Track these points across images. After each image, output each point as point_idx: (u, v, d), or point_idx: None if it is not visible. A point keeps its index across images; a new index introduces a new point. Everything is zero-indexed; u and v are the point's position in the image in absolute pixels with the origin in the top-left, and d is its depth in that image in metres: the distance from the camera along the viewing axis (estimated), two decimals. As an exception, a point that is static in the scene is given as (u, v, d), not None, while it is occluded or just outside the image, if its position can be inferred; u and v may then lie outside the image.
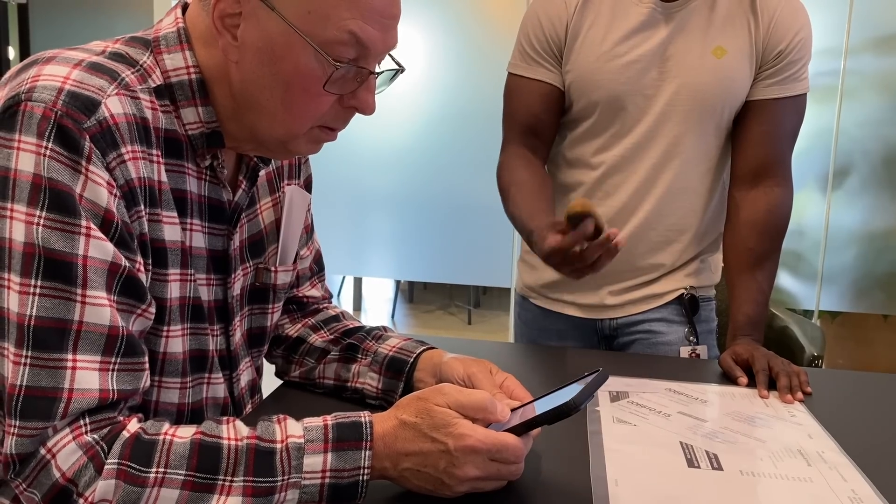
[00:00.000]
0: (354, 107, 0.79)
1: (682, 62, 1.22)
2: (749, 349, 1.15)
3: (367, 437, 0.71)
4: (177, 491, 0.66)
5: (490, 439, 0.70)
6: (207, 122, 0.79)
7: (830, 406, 1.06)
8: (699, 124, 1.24)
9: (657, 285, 1.32)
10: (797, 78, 1.23)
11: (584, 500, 0.75)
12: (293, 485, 0.68)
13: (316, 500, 0.69)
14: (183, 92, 0.78)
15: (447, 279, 2.80)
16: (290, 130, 0.78)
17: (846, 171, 2.58)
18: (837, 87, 2.51)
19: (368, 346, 1.00)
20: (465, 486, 0.71)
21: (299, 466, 0.69)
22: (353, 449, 0.70)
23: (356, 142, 2.57)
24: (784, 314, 1.82)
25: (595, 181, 1.29)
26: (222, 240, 0.84)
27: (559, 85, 1.29)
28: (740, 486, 0.80)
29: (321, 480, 0.69)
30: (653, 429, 0.94)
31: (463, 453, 0.70)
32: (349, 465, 0.70)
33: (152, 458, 0.66)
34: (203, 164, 0.81)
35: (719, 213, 1.34)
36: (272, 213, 0.93)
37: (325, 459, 0.69)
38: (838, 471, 0.85)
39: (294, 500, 0.69)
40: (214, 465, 0.67)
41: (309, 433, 0.70)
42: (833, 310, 2.77)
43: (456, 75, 2.51)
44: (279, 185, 0.94)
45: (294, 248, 0.97)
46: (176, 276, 0.78)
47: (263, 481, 0.67)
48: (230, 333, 0.87)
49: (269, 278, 0.92)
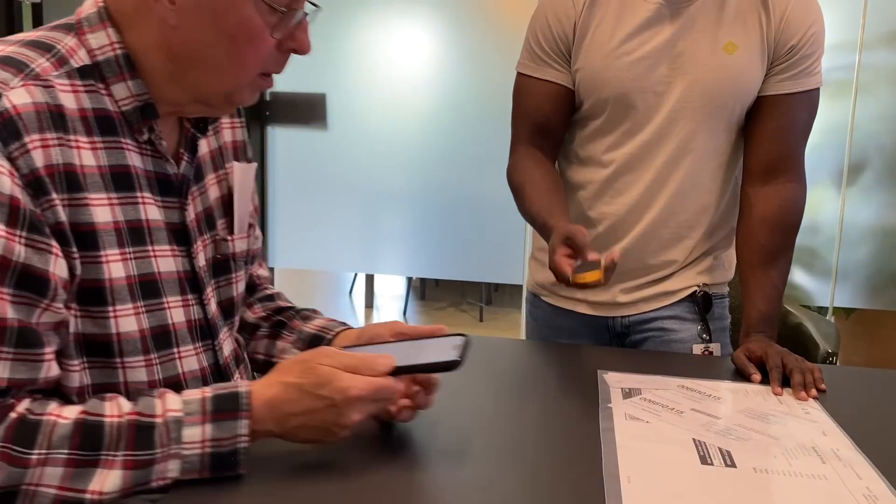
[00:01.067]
0: (293, 49, 0.84)
1: (693, 59, 1.21)
2: (762, 346, 1.14)
3: (245, 408, 0.75)
4: (60, 469, 0.69)
5: (371, 386, 0.77)
6: (138, 95, 0.81)
7: (845, 403, 1.05)
8: (710, 121, 1.23)
9: (669, 282, 1.32)
10: (810, 72, 1.22)
11: (597, 497, 0.75)
12: (174, 456, 0.73)
13: (198, 469, 0.74)
14: (111, 69, 0.80)
15: (459, 276, 2.80)
16: (237, 81, 0.82)
17: (861, 167, 2.56)
18: (852, 81, 2.49)
19: (295, 325, 1.05)
20: (347, 431, 0.78)
21: (178, 438, 0.73)
22: (230, 419, 0.75)
23: (368, 140, 2.58)
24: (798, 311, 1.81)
25: (606, 179, 1.29)
26: (177, 212, 0.86)
27: (568, 84, 1.28)
28: (754, 484, 0.79)
29: (201, 450, 0.74)
30: (665, 426, 0.94)
31: (348, 403, 0.76)
32: (227, 434, 0.74)
33: (35, 440, 0.69)
34: (141, 139, 0.82)
35: (731, 208, 1.33)
36: (217, 190, 0.94)
37: (203, 430, 0.74)
38: (853, 468, 0.84)
39: (176, 469, 0.73)
40: (96, 443, 0.71)
41: (188, 406, 0.75)
42: (848, 306, 2.75)
43: (467, 73, 2.51)
44: (223, 163, 0.96)
45: (246, 217, 0.99)
46: (115, 257, 0.78)
47: (143, 454, 0.72)
48: (205, 303, 0.89)
49: (228, 248, 0.94)
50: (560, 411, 0.98)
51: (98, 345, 0.78)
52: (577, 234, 1.04)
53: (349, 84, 2.55)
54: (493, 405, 1.00)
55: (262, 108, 2.55)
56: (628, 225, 1.28)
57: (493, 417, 0.96)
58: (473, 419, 0.95)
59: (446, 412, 0.96)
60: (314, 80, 2.56)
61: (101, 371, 0.79)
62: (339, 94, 2.56)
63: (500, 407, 0.99)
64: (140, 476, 0.72)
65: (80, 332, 0.77)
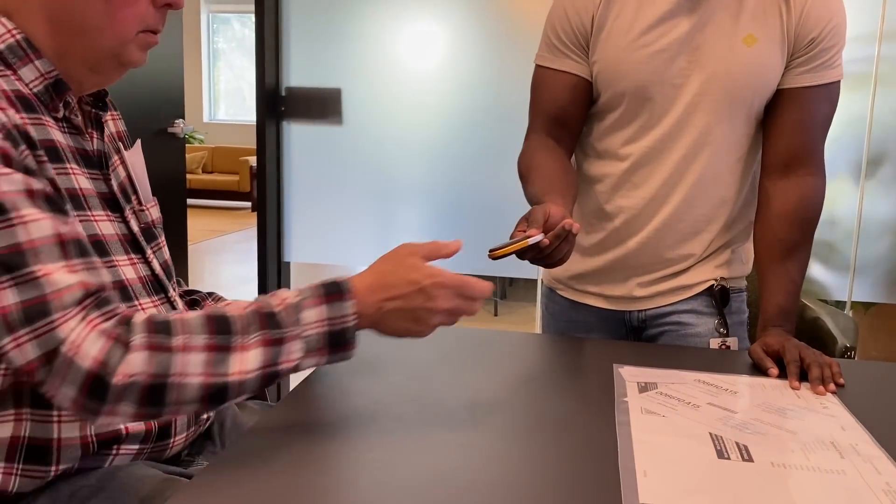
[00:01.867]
0: (167, 3, 0.87)
1: (712, 51, 1.20)
2: (780, 340, 1.14)
3: (348, 290, 0.83)
4: (202, 354, 0.75)
5: (457, 277, 0.86)
6: (47, 73, 0.84)
7: (864, 398, 1.04)
8: (729, 114, 1.22)
9: (686, 276, 1.31)
10: (830, 65, 1.21)
11: (613, 491, 0.75)
12: (297, 336, 0.80)
13: (318, 348, 0.81)
14: (15, 54, 0.83)
15: (473, 270, 2.80)
16: (120, 37, 0.85)
17: (880, 160, 2.53)
18: (871, 73, 2.46)
19: (206, 305, 1.10)
20: (437, 318, 0.86)
21: (299, 320, 0.80)
22: (340, 300, 0.82)
23: (384, 135, 2.58)
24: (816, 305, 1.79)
25: (623, 172, 1.28)
26: (102, 183, 0.91)
27: (586, 76, 1.28)
28: (771, 478, 0.79)
29: (319, 329, 0.81)
30: (682, 420, 0.94)
31: (436, 288, 0.85)
32: (339, 314, 0.82)
33: (172, 330, 0.74)
34: (58, 116, 0.86)
35: (749, 202, 1.32)
36: (122, 170, 0.98)
37: (319, 311, 0.81)
38: (872, 463, 0.84)
39: (300, 349, 0.80)
40: (228, 329, 0.77)
41: (303, 292, 0.82)
42: (866, 301, 2.72)
43: (483, 68, 2.50)
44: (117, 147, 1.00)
45: (148, 188, 1.04)
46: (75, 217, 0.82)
47: (276, 332, 0.79)
48: (149, 260, 0.94)
49: (147, 217, 1.00)
50: (575, 405, 0.98)
51: None
52: (538, 211, 1.05)
53: (365, 79, 2.55)
54: (508, 399, 1.00)
55: (278, 103, 2.56)
56: (645, 218, 1.28)
57: (507, 411, 0.96)
58: (488, 412, 0.95)
59: (461, 405, 0.97)
60: (329, 75, 2.57)
61: None
62: (354, 89, 2.56)
63: (514, 400, 0.99)
64: (273, 355, 0.78)
65: None
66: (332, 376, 1.06)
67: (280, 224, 2.65)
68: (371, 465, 0.79)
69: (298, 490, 0.74)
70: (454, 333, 1.30)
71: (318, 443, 0.84)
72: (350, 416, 0.92)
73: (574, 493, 0.75)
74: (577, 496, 0.74)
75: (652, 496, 0.74)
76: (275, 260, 2.64)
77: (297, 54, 2.56)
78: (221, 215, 8.57)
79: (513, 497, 0.74)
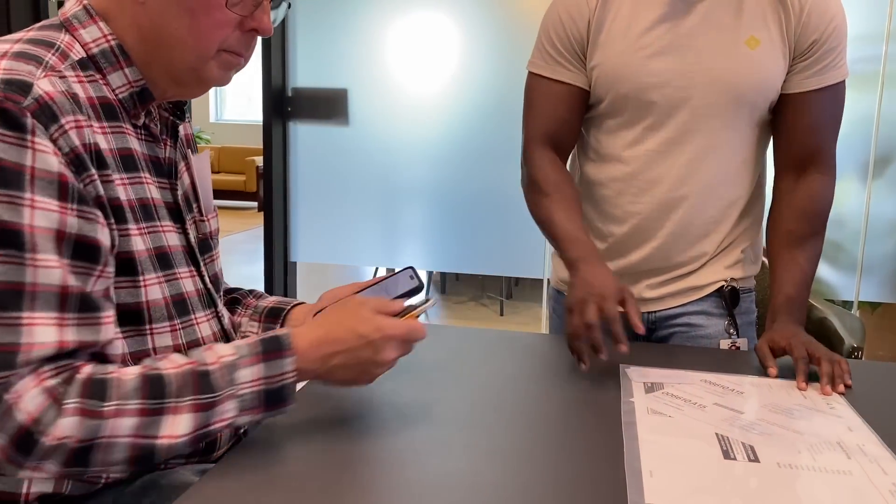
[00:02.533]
0: (255, 28, 0.88)
1: (715, 54, 1.20)
2: (787, 335, 1.13)
3: (288, 347, 0.82)
4: (133, 419, 0.74)
5: (402, 325, 0.86)
6: (135, 81, 0.86)
7: (871, 398, 1.04)
8: (735, 116, 1.22)
9: (696, 277, 1.31)
10: (834, 66, 1.21)
11: (619, 491, 0.75)
12: (231, 396, 0.78)
13: (253, 407, 0.80)
14: (107, 59, 0.85)
15: (479, 270, 2.80)
16: (200, 54, 0.86)
17: (888, 160, 2.52)
18: (879, 73, 2.45)
19: (249, 302, 1.12)
20: (382, 369, 0.87)
21: (234, 379, 0.79)
22: (278, 358, 0.81)
23: (390, 135, 2.58)
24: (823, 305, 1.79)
25: (628, 176, 1.27)
26: (169, 192, 0.92)
27: (582, 85, 1.27)
28: (778, 479, 0.79)
29: (254, 388, 0.80)
30: (688, 420, 0.94)
31: (384, 341, 0.85)
32: (276, 372, 0.81)
33: (106, 394, 0.73)
34: (138, 123, 0.88)
35: (757, 201, 1.32)
36: (187, 177, 0.99)
37: (254, 370, 0.80)
38: (879, 464, 0.84)
39: (234, 409, 0.79)
40: (162, 392, 0.76)
41: (240, 350, 0.81)
42: (873, 300, 2.71)
43: (488, 68, 2.50)
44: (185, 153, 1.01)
45: (211, 200, 1.05)
46: (136, 231, 0.84)
47: (206, 397, 0.77)
48: (202, 274, 0.95)
49: (206, 227, 1.01)
50: (581, 405, 0.98)
51: (131, 313, 0.83)
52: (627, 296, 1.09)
53: (371, 79, 2.56)
54: (514, 398, 1.00)
55: (284, 103, 2.57)
56: (657, 224, 1.27)
57: (513, 411, 0.96)
58: (494, 412, 0.95)
59: (467, 405, 0.97)
60: (336, 75, 2.57)
61: (134, 339, 0.84)
62: (360, 89, 2.57)
63: (520, 400, 1.00)
64: (204, 418, 0.77)
65: (116, 302, 0.82)
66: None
67: (286, 224, 2.65)
68: (377, 464, 0.80)
69: (305, 491, 0.74)
70: (460, 333, 1.30)
71: (323, 443, 0.84)
72: (356, 416, 0.92)
73: (580, 493, 0.75)
74: (583, 496, 0.74)
75: (658, 496, 0.74)
76: (281, 260, 2.65)
77: (303, 55, 2.56)
78: (228, 215, 8.59)
79: (519, 497, 0.74)
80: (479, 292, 5.28)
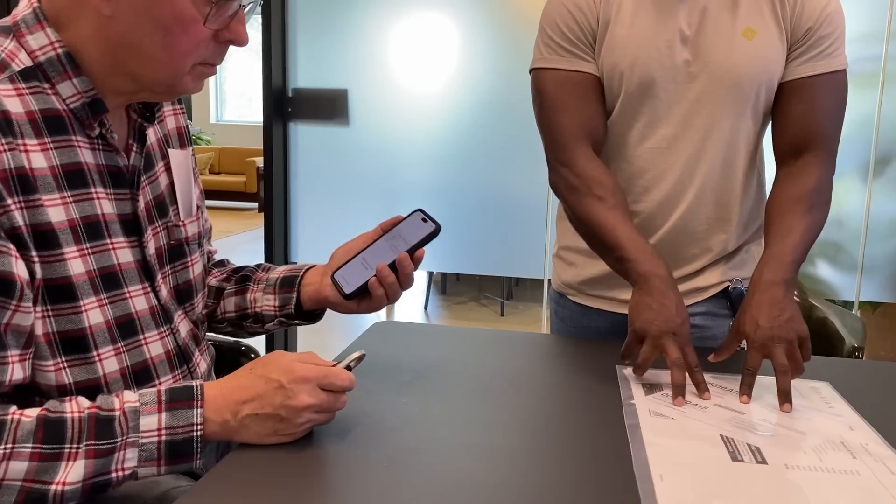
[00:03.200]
0: (230, 40, 0.85)
1: (714, 46, 1.20)
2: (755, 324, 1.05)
3: (198, 397, 0.78)
4: (25, 463, 0.71)
5: (317, 369, 0.80)
6: (85, 92, 0.82)
7: (871, 398, 1.04)
8: (735, 108, 1.22)
9: (701, 278, 1.30)
10: (830, 54, 1.21)
11: (631, 496, 0.75)
12: (131, 444, 0.74)
13: (155, 458, 0.75)
14: (54, 68, 0.81)
15: (480, 270, 2.80)
16: (175, 71, 0.83)
17: (888, 159, 2.52)
18: (879, 72, 2.45)
19: (259, 277, 1.11)
20: (302, 418, 0.80)
21: (136, 427, 0.75)
22: (185, 408, 0.77)
23: (390, 135, 2.58)
24: (823, 305, 1.79)
25: (631, 175, 1.27)
26: (129, 204, 0.88)
27: (597, 73, 1.24)
28: (788, 481, 0.79)
29: (157, 438, 0.75)
30: (691, 422, 0.93)
31: (296, 383, 0.78)
32: (183, 423, 0.76)
33: (2, 437, 0.71)
34: (93, 134, 0.84)
35: (760, 199, 1.32)
36: (166, 177, 0.97)
37: (159, 419, 0.76)
38: (885, 463, 0.84)
39: (134, 458, 0.75)
40: (60, 436, 0.72)
41: (143, 397, 0.77)
42: (874, 300, 2.71)
43: (490, 68, 2.50)
44: (167, 151, 0.98)
45: (193, 201, 1.02)
46: (73, 254, 0.80)
47: (104, 443, 0.73)
48: (157, 290, 0.91)
49: (181, 233, 0.97)
50: (583, 407, 0.98)
51: (73, 341, 0.80)
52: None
53: (371, 80, 2.56)
54: (515, 399, 1.00)
55: (285, 104, 2.56)
56: (658, 221, 1.27)
57: (514, 411, 0.96)
58: (494, 413, 0.95)
59: (467, 405, 0.97)
60: (336, 75, 2.57)
61: (81, 368, 0.81)
62: (360, 89, 2.57)
63: (521, 400, 0.99)
64: (101, 465, 0.73)
65: (55, 331, 0.79)
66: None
67: (287, 225, 2.65)
68: (377, 465, 0.80)
69: (304, 491, 0.74)
70: (460, 333, 1.30)
71: (323, 442, 0.84)
72: (356, 415, 0.92)
73: (587, 497, 0.75)
74: (591, 499, 0.74)
75: (671, 501, 0.74)
76: (282, 261, 2.64)
77: (303, 55, 2.56)
78: (228, 216, 8.59)
79: (521, 499, 0.74)
80: (479, 293, 5.28)
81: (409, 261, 1.01)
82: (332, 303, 1.06)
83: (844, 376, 1.13)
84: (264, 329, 1.12)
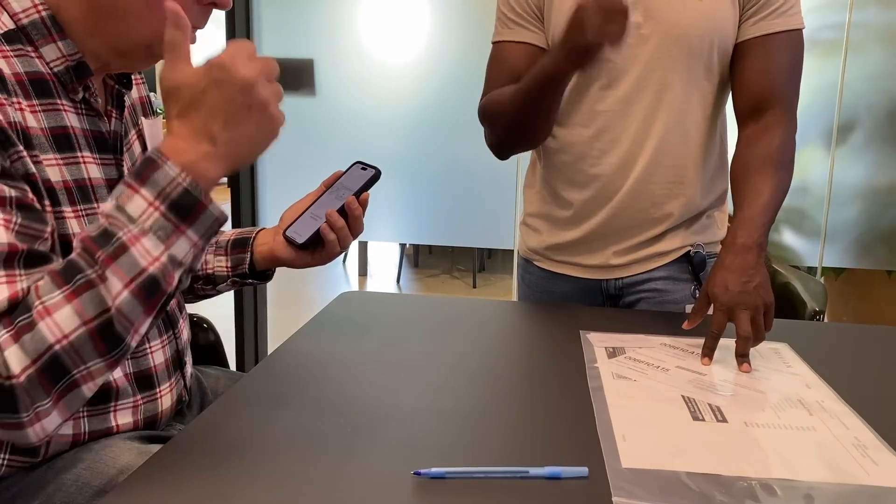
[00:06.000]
0: (213, 2, 0.84)
1: (665, 7, 1.21)
2: (722, 289, 1.08)
3: (159, 157, 0.70)
4: (67, 307, 0.66)
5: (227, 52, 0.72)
6: (70, 55, 0.81)
7: (828, 357, 1.07)
8: (687, 70, 1.23)
9: (662, 243, 1.32)
10: (784, 12, 1.22)
11: (595, 456, 0.76)
12: (140, 234, 0.68)
13: (171, 229, 0.69)
14: (38, 31, 0.80)
15: (451, 242, 2.80)
16: (155, 30, 0.78)
17: (851, 126, 2.55)
18: (842, 40, 2.47)
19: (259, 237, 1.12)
20: (263, 91, 0.72)
21: (130, 217, 0.69)
22: (154, 171, 0.69)
23: (358, 106, 2.55)
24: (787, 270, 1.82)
25: (588, 139, 1.28)
26: (114, 168, 0.88)
27: (543, 45, 1.28)
28: (747, 438, 0.81)
29: (155, 211, 0.69)
30: (653, 384, 0.95)
31: (225, 71, 0.70)
32: (164, 183, 0.69)
33: (29, 304, 0.67)
34: (77, 98, 0.83)
35: (722, 166, 1.33)
36: (138, 145, 0.96)
37: (143, 196, 0.69)
38: (840, 419, 0.86)
39: (155, 242, 0.69)
40: (75, 270, 0.68)
41: (116, 191, 0.70)
42: (837, 266, 2.77)
43: (458, 38, 2.48)
44: (137, 120, 0.97)
45: None
46: (72, 214, 0.80)
47: (112, 246, 0.68)
48: None
49: None
50: (548, 371, 0.99)
51: None
52: None
53: (338, 49, 2.52)
54: (480, 364, 1.01)
55: (249, 75, 2.53)
56: (618, 183, 1.28)
57: (479, 377, 0.97)
58: (459, 378, 0.96)
59: (435, 372, 0.97)
60: (302, 45, 2.53)
61: None
62: (327, 59, 2.53)
63: (486, 366, 1.00)
64: (128, 266, 0.68)
65: None
66: (306, 343, 1.06)
67: (254, 197, 2.62)
68: (341, 432, 0.80)
69: (263, 459, 0.74)
70: (429, 302, 1.30)
71: (290, 410, 0.84)
72: (325, 382, 0.92)
73: (554, 457, 0.76)
74: (558, 460, 0.75)
75: (634, 460, 0.75)
76: (250, 234, 2.62)
77: (268, 24, 2.52)
78: (196, 191, 8.47)
79: (491, 460, 0.75)
80: (451, 265, 5.29)
81: (357, 203, 1.06)
82: (285, 260, 1.09)
83: (803, 337, 1.15)
84: (216, 290, 1.13)
